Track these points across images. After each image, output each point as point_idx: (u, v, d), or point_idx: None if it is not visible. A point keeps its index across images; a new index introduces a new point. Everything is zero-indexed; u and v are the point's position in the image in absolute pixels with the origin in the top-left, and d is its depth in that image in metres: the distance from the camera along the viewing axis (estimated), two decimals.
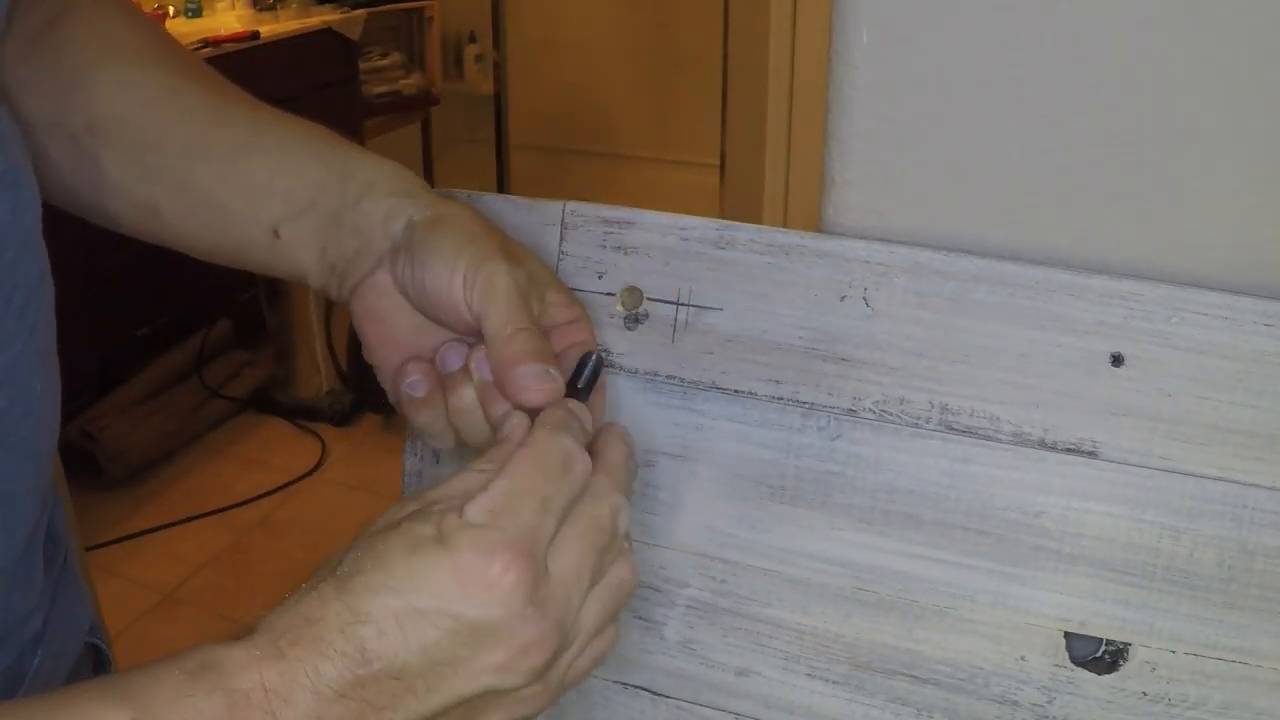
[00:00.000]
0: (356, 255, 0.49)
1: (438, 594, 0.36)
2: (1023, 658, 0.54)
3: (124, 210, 0.53)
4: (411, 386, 0.48)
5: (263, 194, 0.50)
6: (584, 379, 0.47)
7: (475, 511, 0.38)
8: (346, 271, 0.49)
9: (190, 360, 2.71)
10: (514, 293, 0.45)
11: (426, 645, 0.36)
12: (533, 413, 0.44)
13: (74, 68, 0.51)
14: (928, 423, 0.54)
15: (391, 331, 0.49)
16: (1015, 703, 0.54)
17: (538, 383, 0.44)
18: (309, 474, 2.56)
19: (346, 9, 3.37)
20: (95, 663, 0.61)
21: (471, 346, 0.47)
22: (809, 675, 0.57)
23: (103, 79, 0.51)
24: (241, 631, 0.37)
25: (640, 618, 0.60)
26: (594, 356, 0.48)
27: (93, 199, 0.53)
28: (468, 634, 0.36)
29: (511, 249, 0.48)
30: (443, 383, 0.48)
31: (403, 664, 0.36)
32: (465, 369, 0.47)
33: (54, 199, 0.53)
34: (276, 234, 0.49)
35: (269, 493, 2.48)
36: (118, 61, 0.52)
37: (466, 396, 0.46)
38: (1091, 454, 0.52)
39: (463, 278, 0.45)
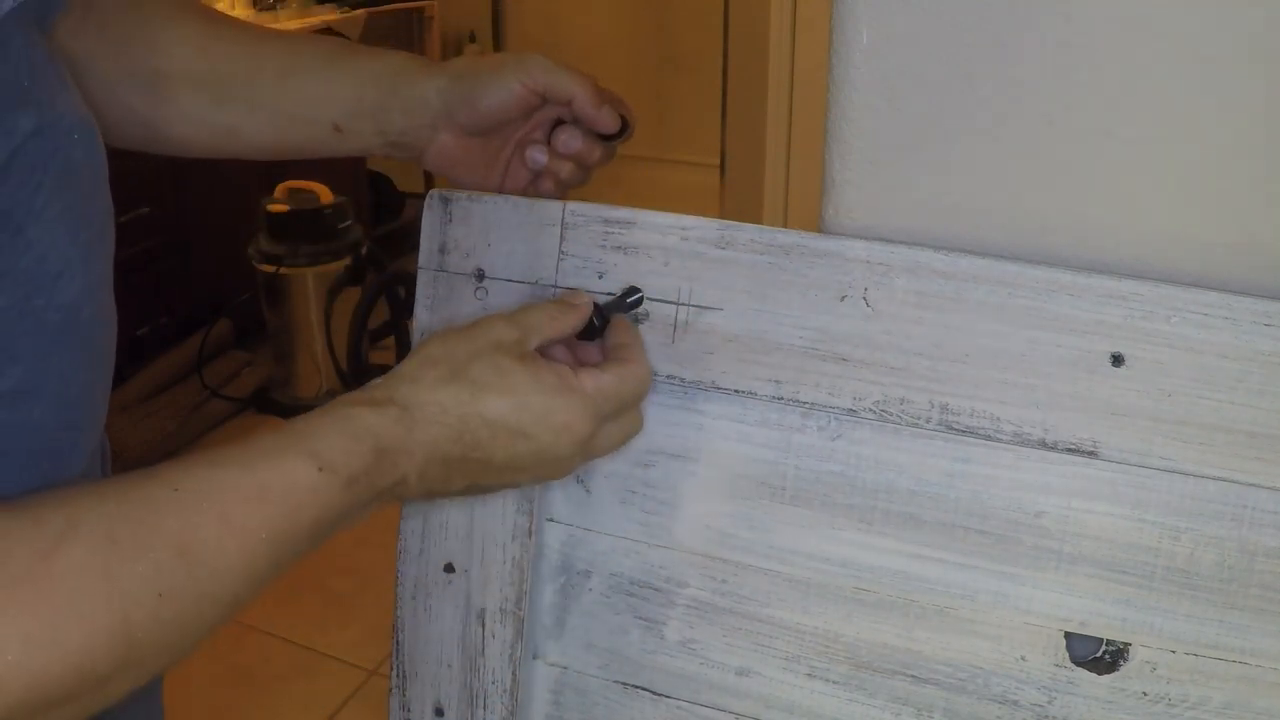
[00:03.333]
0: (412, 129, 0.63)
1: (543, 429, 0.51)
2: (1023, 658, 0.54)
3: (202, 137, 0.66)
4: (535, 160, 0.64)
5: (319, 100, 0.64)
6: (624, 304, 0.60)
7: (594, 390, 0.53)
8: (407, 143, 0.64)
9: (190, 360, 2.71)
10: (560, 72, 0.62)
11: (517, 454, 0.52)
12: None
13: (134, 27, 0.65)
14: (928, 423, 0.54)
15: (468, 166, 0.65)
16: (1015, 703, 0.54)
17: (614, 119, 0.62)
18: None
19: (346, 9, 3.37)
20: None
21: (559, 126, 0.64)
22: (809, 675, 0.57)
23: (163, 35, 0.65)
24: (377, 394, 0.50)
25: (640, 618, 0.60)
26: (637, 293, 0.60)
27: (173, 132, 0.66)
28: (542, 455, 0.52)
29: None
30: (570, 157, 0.64)
31: (493, 459, 0.51)
32: (580, 138, 0.63)
33: (133, 142, 0.65)
34: (337, 128, 0.64)
35: None
36: (160, 18, 0.65)
37: (595, 153, 0.64)
38: (1091, 454, 0.52)
39: (522, 86, 0.61)
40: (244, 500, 0.44)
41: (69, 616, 0.39)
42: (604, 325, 0.57)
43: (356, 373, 2.66)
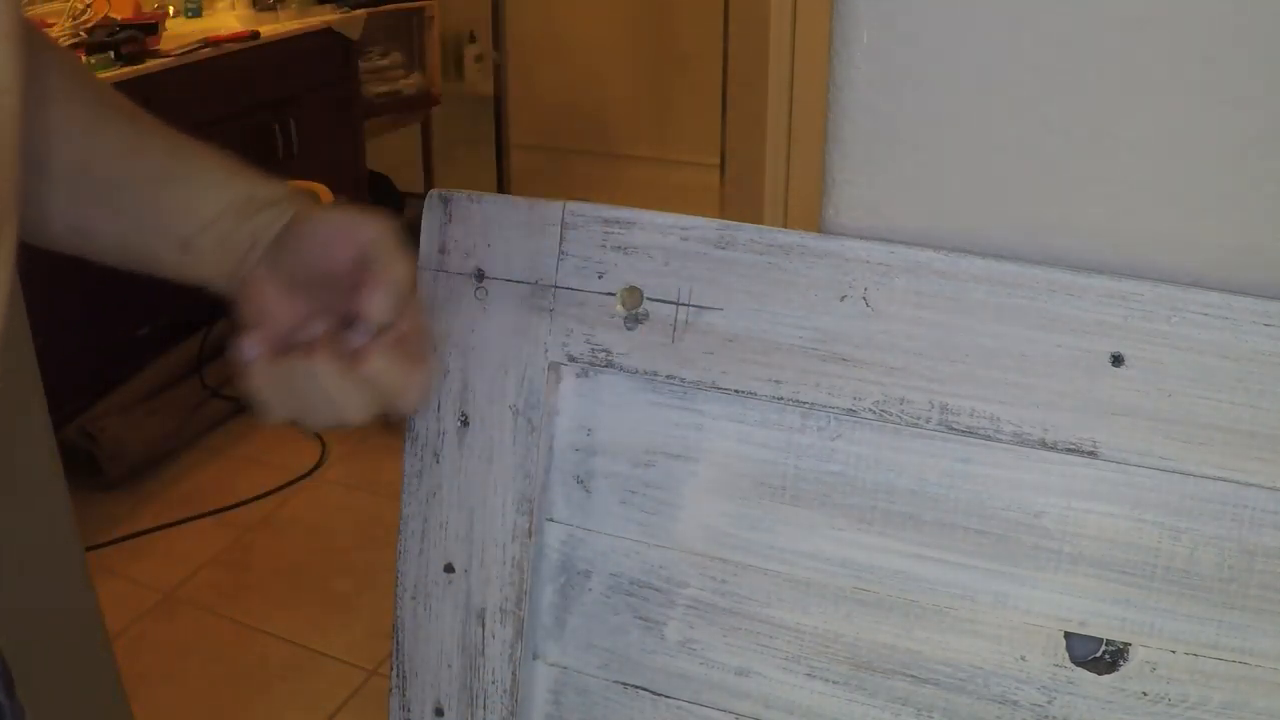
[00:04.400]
0: (247, 255, 0.58)
1: None
2: (1023, 658, 0.54)
3: (59, 232, 0.60)
4: (249, 350, 0.57)
5: (179, 215, 0.59)
6: None
7: None
8: (240, 270, 0.58)
9: (190, 360, 2.71)
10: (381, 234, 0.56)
11: None
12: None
13: (35, 104, 0.58)
14: (928, 423, 0.54)
15: (270, 311, 0.58)
16: (1015, 703, 0.54)
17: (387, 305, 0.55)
18: (309, 474, 2.56)
19: (346, 9, 3.37)
20: None
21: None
22: (809, 675, 0.57)
23: (39, 119, 0.58)
24: None
25: (640, 618, 0.60)
26: None
27: (32, 225, 0.59)
28: None
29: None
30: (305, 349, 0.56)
31: None
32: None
33: None
34: (185, 247, 0.59)
35: (269, 493, 2.48)
36: (49, 101, 0.59)
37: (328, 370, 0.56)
38: (1091, 454, 0.52)
39: (344, 221, 0.56)
40: None
41: None
42: None
43: None
